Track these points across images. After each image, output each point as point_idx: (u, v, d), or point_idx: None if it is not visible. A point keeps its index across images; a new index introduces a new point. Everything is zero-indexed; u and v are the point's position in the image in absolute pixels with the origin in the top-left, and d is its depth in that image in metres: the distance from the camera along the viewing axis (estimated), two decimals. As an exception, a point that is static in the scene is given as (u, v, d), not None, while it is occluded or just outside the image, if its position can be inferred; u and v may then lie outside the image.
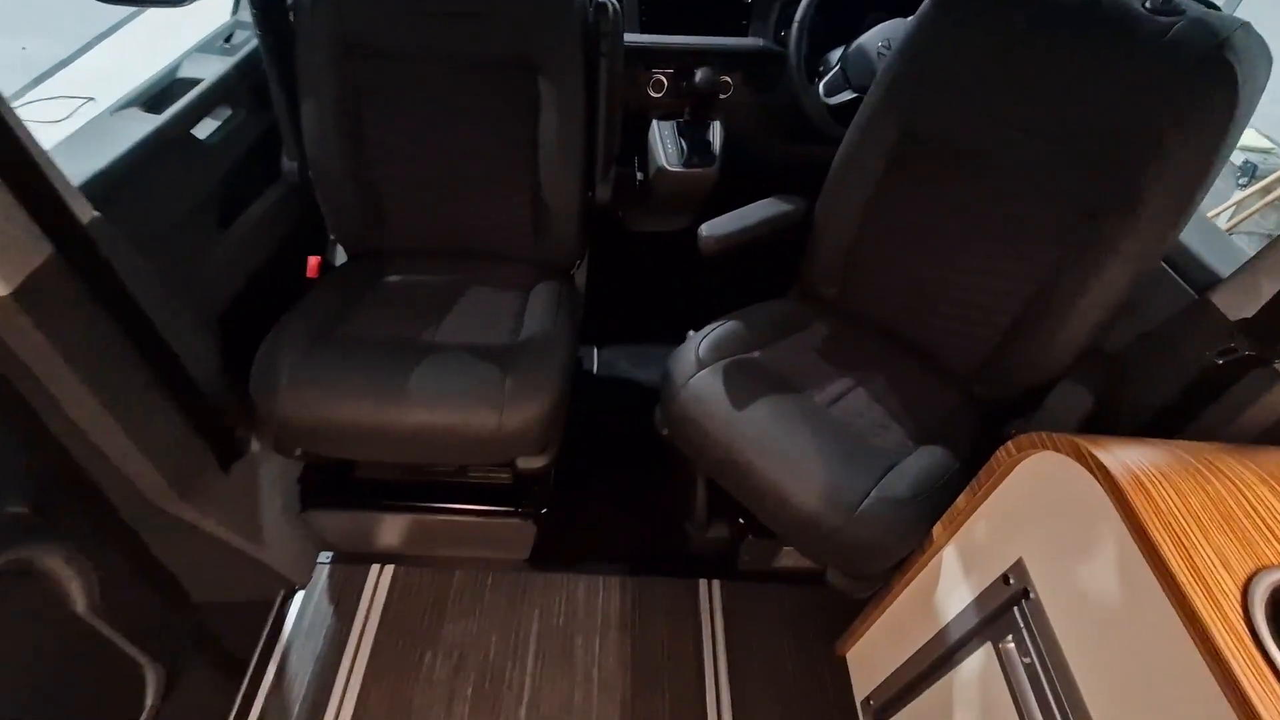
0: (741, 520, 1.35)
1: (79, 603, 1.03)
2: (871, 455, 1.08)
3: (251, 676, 1.29)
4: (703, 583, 1.47)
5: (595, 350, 1.95)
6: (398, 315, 1.27)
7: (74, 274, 0.86)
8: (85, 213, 0.87)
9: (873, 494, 1.02)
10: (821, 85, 1.45)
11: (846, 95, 1.43)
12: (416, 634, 1.35)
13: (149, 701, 1.20)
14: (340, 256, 1.47)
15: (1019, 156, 1.08)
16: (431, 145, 1.31)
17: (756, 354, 1.23)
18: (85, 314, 0.90)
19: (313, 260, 1.37)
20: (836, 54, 1.49)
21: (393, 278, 1.37)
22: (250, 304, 1.30)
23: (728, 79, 1.53)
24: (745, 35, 1.52)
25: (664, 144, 1.52)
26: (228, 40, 1.39)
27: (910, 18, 1.17)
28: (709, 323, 1.26)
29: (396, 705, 1.26)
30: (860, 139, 1.22)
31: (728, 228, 1.23)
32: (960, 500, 0.96)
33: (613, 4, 1.25)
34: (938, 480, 1.06)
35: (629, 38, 1.44)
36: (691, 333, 1.58)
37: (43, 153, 0.82)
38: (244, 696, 1.26)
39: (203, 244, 1.21)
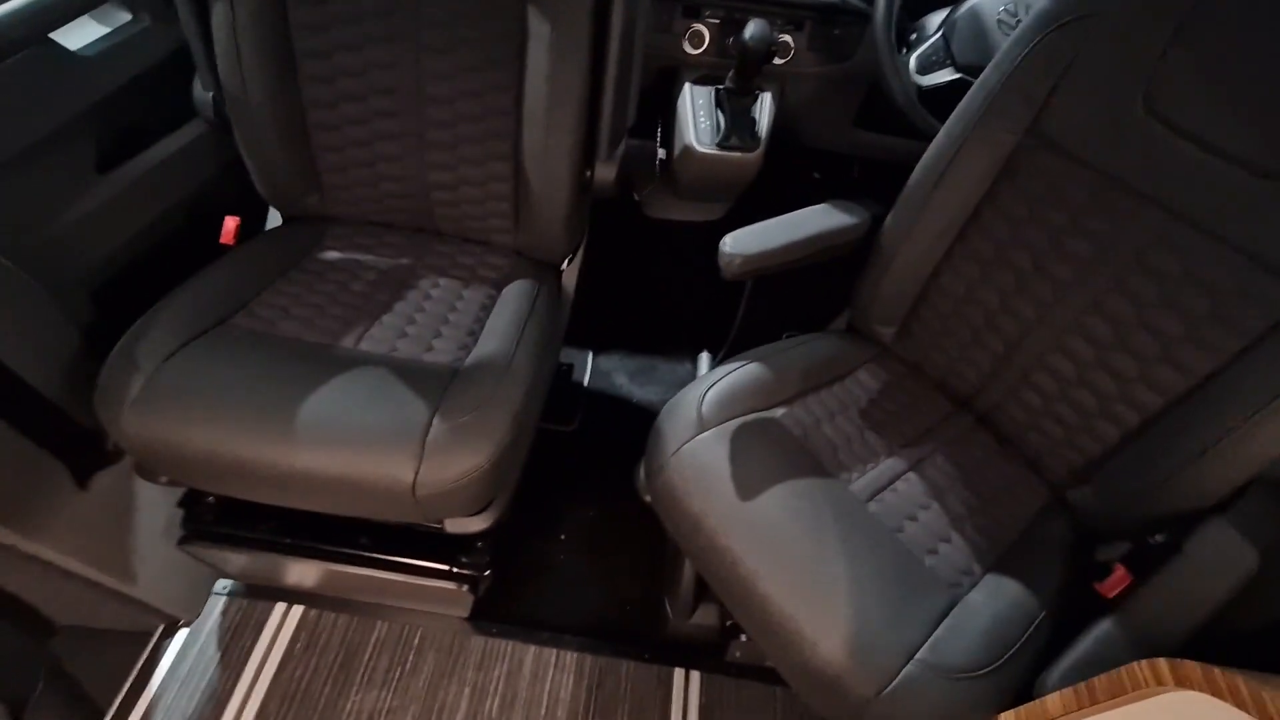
0: None
1: None
2: (924, 587, 0.78)
3: (107, 731, 1.04)
4: (679, 672, 1.18)
5: (590, 356, 1.64)
6: (320, 305, 0.97)
7: None
8: None
9: (921, 654, 0.72)
10: (913, 58, 1.09)
11: (946, 75, 1.07)
12: (315, 698, 1.09)
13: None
14: (274, 220, 1.17)
15: (1213, 198, 0.73)
16: (384, 83, 0.98)
17: (780, 412, 0.91)
18: None
19: (229, 222, 1.07)
20: (937, 18, 1.13)
21: (329, 254, 1.07)
22: (138, 275, 1.01)
23: (788, 39, 1.17)
24: (819, -20, 1.15)
25: (696, 115, 1.18)
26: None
27: None
28: (729, 338, 0.95)
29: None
30: (963, 136, 0.87)
31: (761, 244, 0.90)
32: (1053, 704, 0.64)
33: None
34: (1011, 639, 0.75)
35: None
36: (705, 357, 1.25)
37: None
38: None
39: (65, 190, 0.92)
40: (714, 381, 0.92)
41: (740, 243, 0.89)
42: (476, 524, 0.96)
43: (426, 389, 0.86)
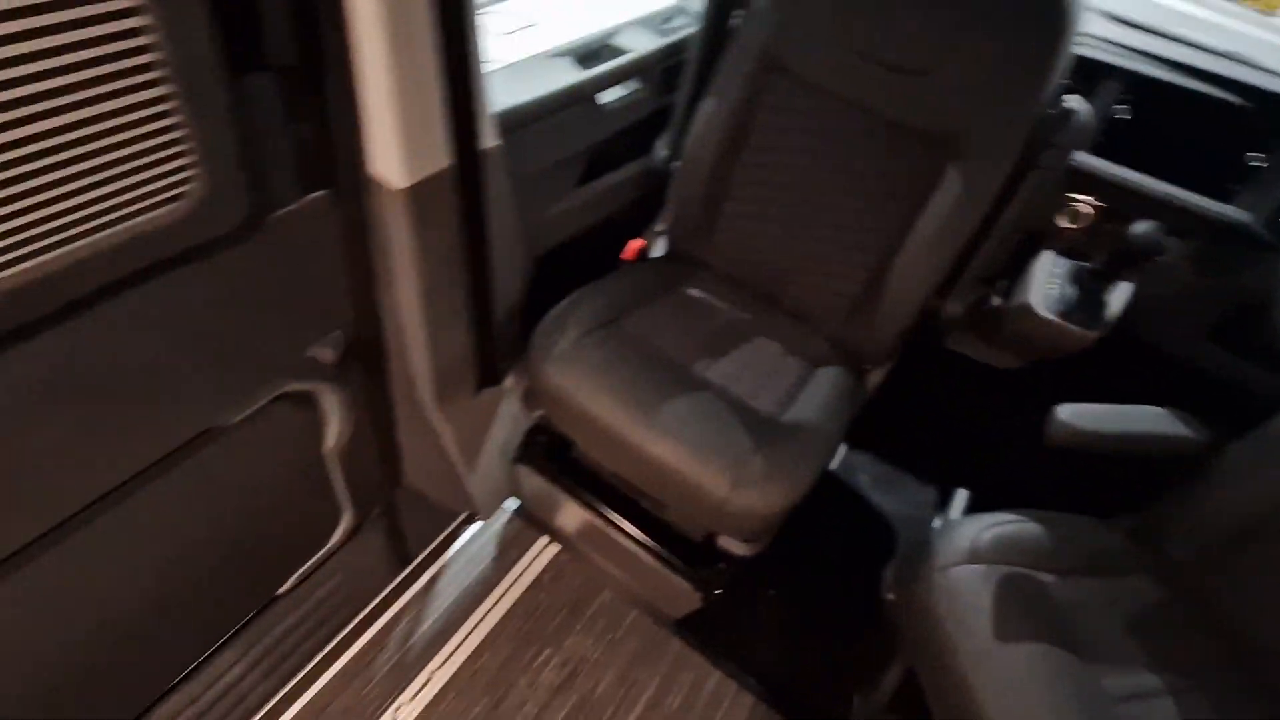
0: None
1: (328, 441, 1.16)
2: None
3: (410, 572, 1.37)
4: (840, 763, 1.24)
5: (844, 446, 1.75)
6: (680, 331, 1.23)
7: (457, 189, 0.92)
8: (491, 140, 0.93)
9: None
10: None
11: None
12: (545, 625, 1.33)
13: (332, 542, 1.34)
14: (657, 250, 1.47)
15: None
16: (797, 179, 1.22)
17: (1050, 579, 0.96)
18: (448, 223, 0.97)
19: (634, 243, 1.38)
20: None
21: (693, 291, 1.32)
22: (563, 258, 1.35)
23: (1170, 243, 1.21)
24: (1228, 201, 1.18)
25: (1047, 281, 1.26)
26: (665, 22, 1.44)
27: None
28: (980, 478, 1.08)
29: (497, 682, 1.25)
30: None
31: (1097, 425, 0.96)
32: None
33: (1083, 110, 1.04)
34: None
35: (1074, 155, 1.20)
36: (963, 494, 1.33)
37: (480, 77, 0.88)
38: (395, 586, 1.35)
39: (557, 193, 1.28)
40: (998, 522, 0.99)
41: (1076, 417, 0.96)
42: (740, 548, 1.13)
43: (751, 427, 1.06)
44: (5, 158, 0.56)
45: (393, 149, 0.82)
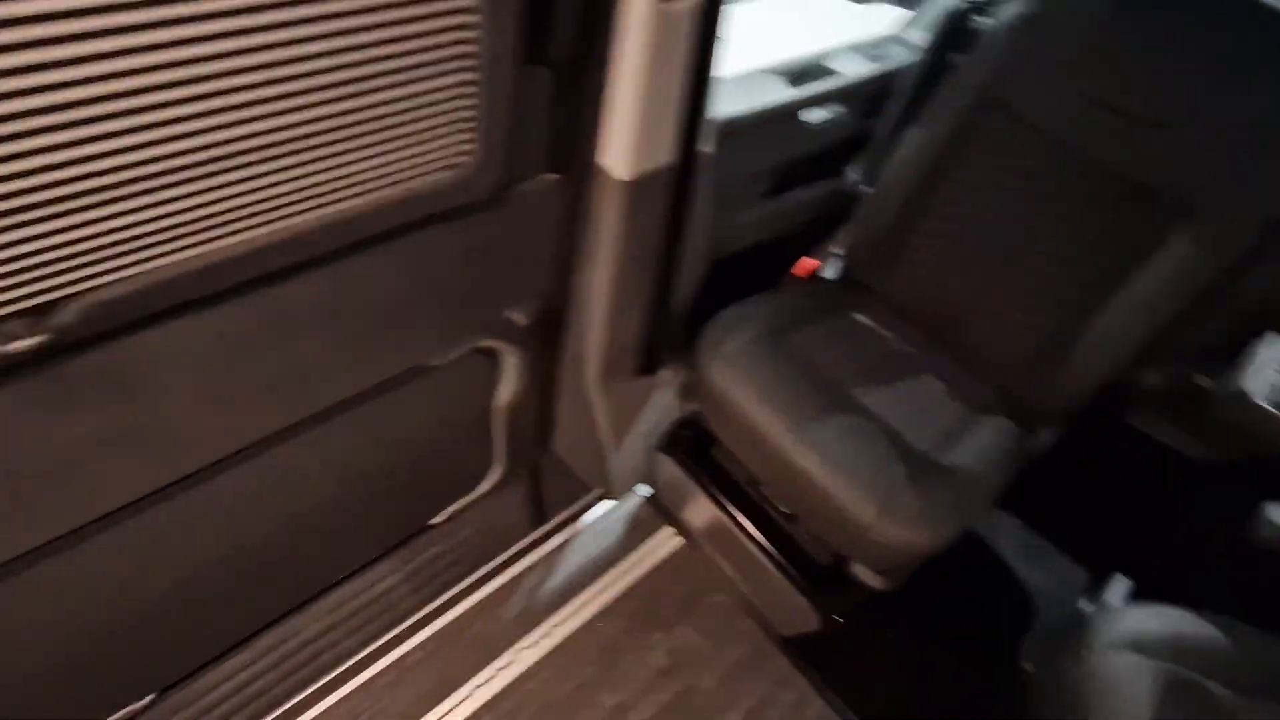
0: None
1: (501, 397, 1.28)
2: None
3: (543, 533, 1.47)
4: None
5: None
6: (843, 355, 1.23)
7: (671, 186, 0.99)
8: (709, 145, 1.00)
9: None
10: None
11: None
12: (659, 611, 1.38)
13: (480, 490, 1.47)
14: (830, 272, 1.48)
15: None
16: (996, 219, 1.18)
17: (1214, 686, 0.87)
18: (655, 217, 1.04)
19: (809, 262, 1.40)
20: None
21: (862, 318, 1.32)
22: (736, 265, 1.39)
23: None
24: None
25: (1270, 369, 1.14)
26: (877, 48, 1.44)
27: None
28: (1143, 569, 1.11)
29: (608, 652, 1.31)
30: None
31: None
32: None
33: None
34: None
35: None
36: (1122, 583, 1.24)
37: (713, 87, 0.94)
38: (529, 543, 1.45)
39: (747, 201, 1.32)
40: (1170, 616, 0.91)
41: (1296, 519, 0.87)
42: (873, 579, 1.12)
43: (906, 459, 1.04)
44: (333, 124, 0.68)
45: (625, 143, 0.90)
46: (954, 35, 1.25)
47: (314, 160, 0.69)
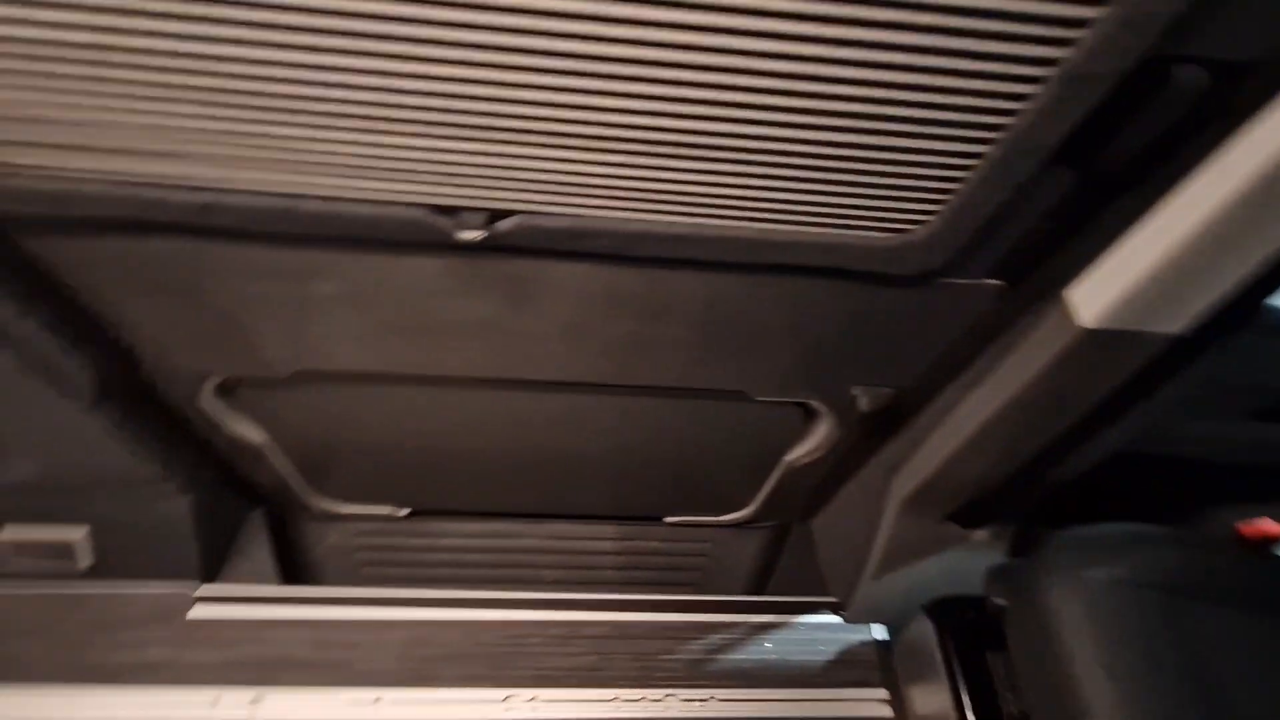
0: None
1: (795, 452, 1.18)
2: None
3: (752, 601, 1.36)
4: None
5: None
6: (1265, 673, 0.85)
7: (1150, 362, 0.75)
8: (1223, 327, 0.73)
9: None
10: None
11: None
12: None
13: (719, 518, 1.41)
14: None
15: None
16: None
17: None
18: (1098, 380, 0.80)
19: (1267, 524, 1.00)
20: None
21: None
22: (1139, 468, 1.07)
23: None
24: None
25: None
26: None
27: None
28: None
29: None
30: None
31: None
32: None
33: None
34: None
35: None
36: None
37: None
38: (735, 601, 1.35)
39: (1224, 409, 0.99)
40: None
41: None
42: None
43: None
44: (816, 150, 0.62)
45: (1120, 286, 0.68)
46: None
47: (779, 177, 0.64)
